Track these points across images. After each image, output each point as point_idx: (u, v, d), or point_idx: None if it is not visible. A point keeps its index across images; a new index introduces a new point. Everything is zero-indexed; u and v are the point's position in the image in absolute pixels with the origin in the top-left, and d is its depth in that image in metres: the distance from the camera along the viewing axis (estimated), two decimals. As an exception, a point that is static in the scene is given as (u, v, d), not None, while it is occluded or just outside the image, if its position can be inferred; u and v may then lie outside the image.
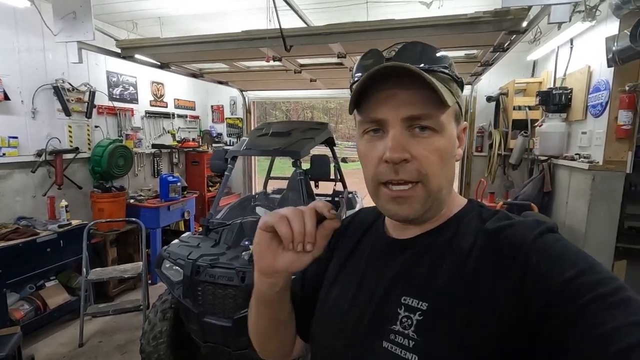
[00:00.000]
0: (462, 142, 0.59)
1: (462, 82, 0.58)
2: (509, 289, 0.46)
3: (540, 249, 0.47)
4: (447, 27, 2.30)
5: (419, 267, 0.55)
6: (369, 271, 0.62)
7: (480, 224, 0.54)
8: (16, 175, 3.20)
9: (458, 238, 0.54)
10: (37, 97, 3.31)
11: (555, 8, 1.90)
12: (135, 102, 4.52)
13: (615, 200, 2.71)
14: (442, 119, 0.53)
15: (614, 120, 2.63)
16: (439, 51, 0.56)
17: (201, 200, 5.27)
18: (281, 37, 2.42)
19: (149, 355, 2.35)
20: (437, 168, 0.53)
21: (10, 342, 2.23)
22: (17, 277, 2.78)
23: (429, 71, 0.53)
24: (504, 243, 0.49)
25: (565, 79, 3.39)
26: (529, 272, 0.45)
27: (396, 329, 0.52)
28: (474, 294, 0.48)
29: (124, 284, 3.82)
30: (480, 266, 0.49)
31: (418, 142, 0.52)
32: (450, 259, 0.53)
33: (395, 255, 0.60)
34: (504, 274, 0.47)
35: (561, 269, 0.44)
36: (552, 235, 0.49)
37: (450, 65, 0.56)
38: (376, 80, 0.52)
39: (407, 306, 0.53)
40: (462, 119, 0.59)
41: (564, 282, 0.43)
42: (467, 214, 0.58)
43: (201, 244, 2.54)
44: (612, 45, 2.40)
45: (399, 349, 0.51)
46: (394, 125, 0.52)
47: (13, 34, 3.13)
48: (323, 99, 19.58)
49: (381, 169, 0.53)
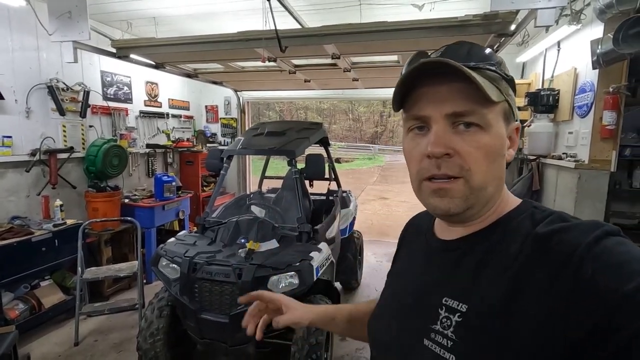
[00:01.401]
0: (514, 143, 0.58)
1: (512, 81, 0.57)
2: (557, 301, 0.43)
3: (596, 257, 0.43)
4: (438, 29, 2.36)
5: (462, 269, 0.55)
6: (417, 271, 0.65)
7: (532, 227, 0.51)
8: (10, 174, 3.19)
9: (506, 241, 0.53)
10: (31, 97, 3.31)
11: (541, 12, 1.98)
12: (130, 102, 4.52)
13: (601, 197, 2.80)
14: (488, 116, 0.52)
15: (599, 121, 2.72)
16: (487, 50, 0.56)
17: (196, 200, 5.28)
18: (276, 38, 2.46)
19: (146, 353, 2.37)
20: (481, 165, 0.52)
21: (6, 341, 2.23)
22: (11, 277, 2.78)
23: (474, 69, 0.52)
24: (554, 249, 0.46)
25: (553, 80, 3.49)
26: (581, 283, 0.42)
27: (436, 328, 0.53)
28: (514, 301, 0.46)
29: (118, 283, 3.82)
30: (526, 273, 0.47)
31: (462, 137, 0.52)
32: (495, 263, 0.52)
33: (440, 257, 0.61)
34: (551, 284, 0.44)
35: (620, 281, 0.40)
36: (612, 239, 0.44)
37: (500, 64, 0.56)
38: (417, 78, 0.53)
39: (448, 307, 0.53)
40: (514, 119, 0.57)
41: (625, 295, 0.39)
42: (518, 215, 0.55)
43: (197, 242, 2.57)
44: (597, 48, 2.49)
45: (438, 347, 0.52)
46: (437, 122, 0.53)
47: (7, 33, 3.12)
48: (317, 100, 19.64)
49: (424, 165, 0.54)
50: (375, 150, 26.64)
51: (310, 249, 2.42)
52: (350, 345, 2.96)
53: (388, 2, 3.23)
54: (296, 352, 2.18)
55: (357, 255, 3.93)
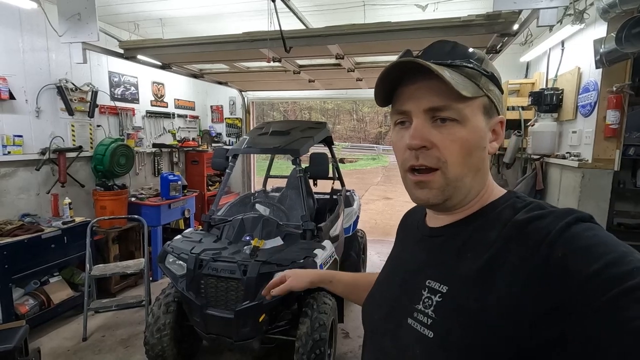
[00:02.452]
0: (498, 136, 0.61)
1: (493, 76, 0.59)
2: (527, 280, 0.46)
3: (566, 241, 0.46)
4: (441, 29, 2.39)
5: (445, 254, 0.60)
6: (406, 256, 0.71)
7: (512, 214, 0.55)
8: (21, 173, 3.26)
9: (486, 228, 0.56)
10: (41, 97, 3.38)
11: (543, 12, 2.00)
12: (137, 102, 4.59)
13: (604, 197, 2.80)
14: (464, 111, 0.55)
15: (603, 120, 2.73)
16: (470, 48, 0.59)
17: (201, 199, 5.34)
18: (281, 39, 2.50)
19: (153, 347, 2.42)
20: (457, 157, 0.56)
21: (17, 335, 2.29)
22: (22, 273, 2.85)
23: (452, 66, 0.56)
24: (529, 234, 0.49)
25: (557, 79, 3.49)
26: (551, 264, 0.45)
27: (419, 308, 0.57)
28: (490, 281, 0.50)
29: (125, 280, 3.88)
30: (501, 256, 0.50)
31: (439, 131, 0.56)
32: (474, 247, 0.55)
33: (427, 242, 0.66)
34: (523, 264, 0.47)
35: (588, 262, 0.42)
36: (581, 225, 0.48)
37: (481, 61, 0.58)
38: (399, 76, 0.58)
39: (430, 288, 0.57)
40: (498, 112, 0.60)
41: (590, 275, 0.41)
42: (500, 204, 0.58)
43: (203, 239, 2.61)
44: (600, 48, 2.49)
45: (419, 325, 0.56)
46: (417, 116, 0.57)
47: (18, 34, 3.20)
48: (321, 100, 19.67)
49: (406, 156, 0.58)
50: (379, 151, 26.62)
51: (314, 247, 2.45)
52: (353, 343, 2.99)
53: (392, 2, 3.26)
54: (300, 347, 2.21)
55: (360, 254, 3.95)
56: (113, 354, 2.81)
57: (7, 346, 2.13)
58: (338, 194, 3.76)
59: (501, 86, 0.61)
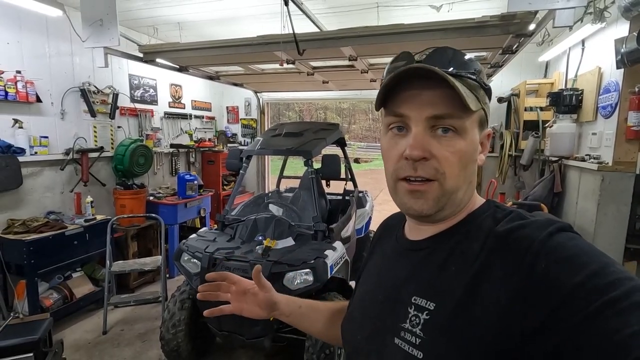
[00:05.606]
0: (484, 148, 0.60)
1: (489, 90, 0.59)
2: (514, 293, 0.45)
3: (549, 252, 0.46)
4: (455, 30, 2.37)
5: (429, 268, 0.57)
6: (387, 272, 0.67)
7: (493, 225, 0.54)
8: (46, 172, 3.42)
9: (468, 240, 0.55)
10: (65, 99, 3.53)
11: (560, 12, 1.95)
12: (155, 104, 4.72)
13: (625, 201, 2.71)
14: (465, 123, 0.55)
15: (624, 121, 2.64)
16: (467, 56, 0.58)
17: (216, 199, 5.44)
18: (294, 41, 2.53)
19: (169, 342, 2.50)
20: (455, 169, 0.55)
21: (42, 326, 2.40)
22: (47, 268, 2.99)
23: (456, 76, 0.55)
24: (512, 245, 0.49)
25: (577, 80, 3.39)
26: (536, 276, 0.45)
27: (406, 326, 0.55)
28: (477, 296, 0.49)
29: (143, 276, 4.01)
30: (487, 269, 0.50)
31: (439, 142, 0.54)
32: (458, 261, 0.54)
33: (409, 256, 0.63)
34: (509, 277, 0.47)
35: (571, 273, 0.43)
36: (563, 234, 0.48)
37: (480, 73, 0.58)
38: (403, 80, 0.55)
39: (417, 306, 0.55)
40: (487, 125, 0.60)
41: (574, 287, 0.41)
42: (481, 215, 0.58)
43: (217, 238, 2.67)
44: (621, 47, 2.42)
45: (407, 345, 0.54)
46: (417, 124, 0.54)
47: (45, 40, 3.35)
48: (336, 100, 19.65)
49: (401, 165, 0.56)
50: (395, 151, 26.22)
51: (325, 247, 2.47)
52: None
53: (405, 3, 3.24)
54: (310, 346, 2.24)
55: (373, 255, 3.94)
56: (131, 348, 2.92)
57: (33, 337, 2.24)
58: (350, 195, 3.77)
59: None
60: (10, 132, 3.08)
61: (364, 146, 27.19)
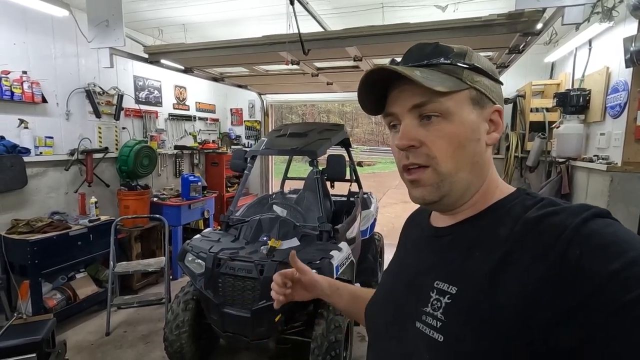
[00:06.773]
0: (497, 126, 0.59)
1: (477, 67, 0.58)
2: (542, 282, 0.44)
3: (583, 239, 0.43)
4: (461, 29, 2.35)
5: (453, 254, 0.58)
6: (411, 259, 0.69)
7: (522, 212, 0.52)
8: (51, 172, 3.42)
9: (495, 227, 0.54)
10: (70, 100, 3.54)
11: (569, 10, 1.93)
12: (160, 105, 4.73)
13: (635, 202, 2.67)
14: (448, 105, 0.55)
15: (633, 121, 2.61)
16: (450, 46, 0.59)
17: (220, 200, 5.43)
18: (300, 41, 2.52)
19: (172, 344, 2.47)
20: (446, 152, 0.55)
21: (46, 327, 2.39)
22: (50, 268, 2.97)
23: (428, 66, 0.58)
24: (543, 233, 0.47)
25: (584, 80, 3.36)
26: (567, 265, 0.43)
27: (427, 310, 0.55)
28: (501, 283, 0.48)
29: (146, 278, 3.99)
30: (514, 256, 0.48)
31: (427, 129, 0.56)
32: (484, 246, 0.53)
33: (433, 243, 0.64)
34: (537, 265, 0.45)
35: (607, 260, 0.40)
36: (599, 221, 0.46)
37: (463, 56, 0.58)
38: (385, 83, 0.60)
39: (439, 290, 0.55)
40: (491, 102, 0.58)
41: (610, 275, 0.39)
42: (510, 202, 0.56)
43: (222, 239, 2.66)
44: (630, 46, 2.39)
45: (428, 329, 0.54)
46: (403, 117, 0.58)
47: (50, 41, 3.36)
48: (339, 102, 19.68)
49: (400, 156, 0.60)
50: (397, 154, 26.22)
51: (330, 248, 2.45)
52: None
53: (411, 3, 3.24)
54: (315, 348, 2.21)
55: (377, 257, 3.92)
56: (134, 350, 2.89)
57: (36, 338, 2.23)
58: (355, 196, 3.75)
59: (494, 76, 0.60)
60: (15, 132, 3.09)
61: (366, 149, 27.18)
